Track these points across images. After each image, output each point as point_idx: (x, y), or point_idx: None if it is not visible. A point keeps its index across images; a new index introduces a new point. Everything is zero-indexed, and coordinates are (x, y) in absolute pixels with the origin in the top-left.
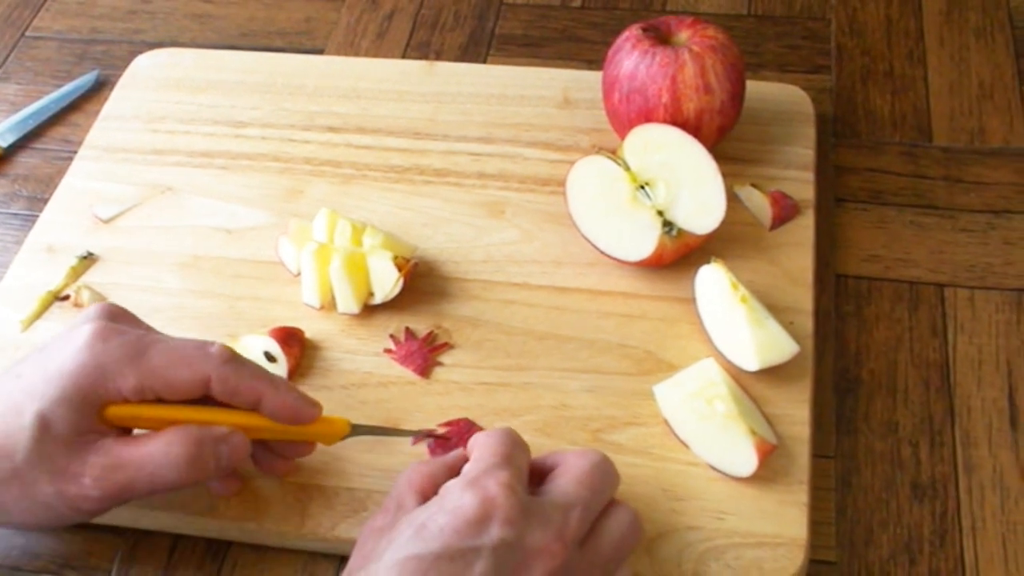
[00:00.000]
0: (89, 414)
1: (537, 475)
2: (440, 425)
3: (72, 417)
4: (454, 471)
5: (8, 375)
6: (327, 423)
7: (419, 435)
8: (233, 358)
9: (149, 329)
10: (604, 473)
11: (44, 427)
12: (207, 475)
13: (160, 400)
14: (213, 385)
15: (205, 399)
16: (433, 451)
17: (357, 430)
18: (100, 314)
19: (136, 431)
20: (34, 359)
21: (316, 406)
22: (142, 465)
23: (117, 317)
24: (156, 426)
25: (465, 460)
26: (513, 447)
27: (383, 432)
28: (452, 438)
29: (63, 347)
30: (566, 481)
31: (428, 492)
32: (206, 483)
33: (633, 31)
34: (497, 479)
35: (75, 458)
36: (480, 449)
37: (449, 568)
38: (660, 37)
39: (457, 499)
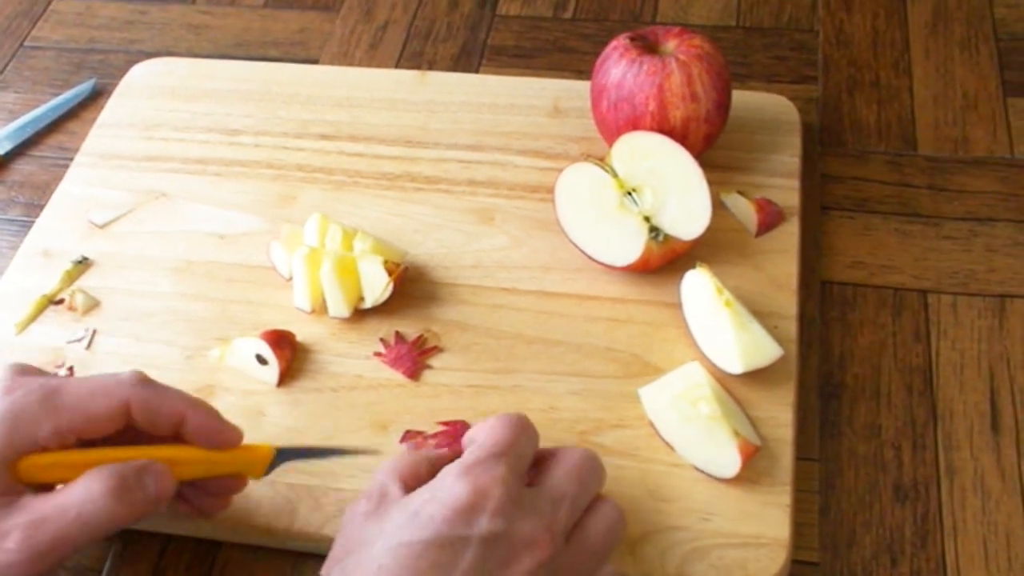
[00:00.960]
0: (4, 472)
1: (535, 466)
2: (439, 423)
3: None
4: (436, 467)
5: None
6: (250, 450)
7: (352, 452)
8: (148, 381)
9: (59, 378)
10: (592, 468)
11: None
12: (136, 509)
13: (81, 442)
14: (133, 409)
15: (124, 438)
16: (410, 437)
17: (284, 455)
18: (5, 372)
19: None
20: None
21: (237, 430)
22: (66, 509)
23: (25, 372)
24: (75, 473)
25: (449, 459)
26: (518, 434)
27: (312, 454)
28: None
29: None
30: (556, 474)
31: (410, 482)
32: (146, 518)
33: (621, 40)
34: (491, 470)
35: None
36: (484, 433)
37: (439, 556)
38: (647, 46)
39: (450, 487)
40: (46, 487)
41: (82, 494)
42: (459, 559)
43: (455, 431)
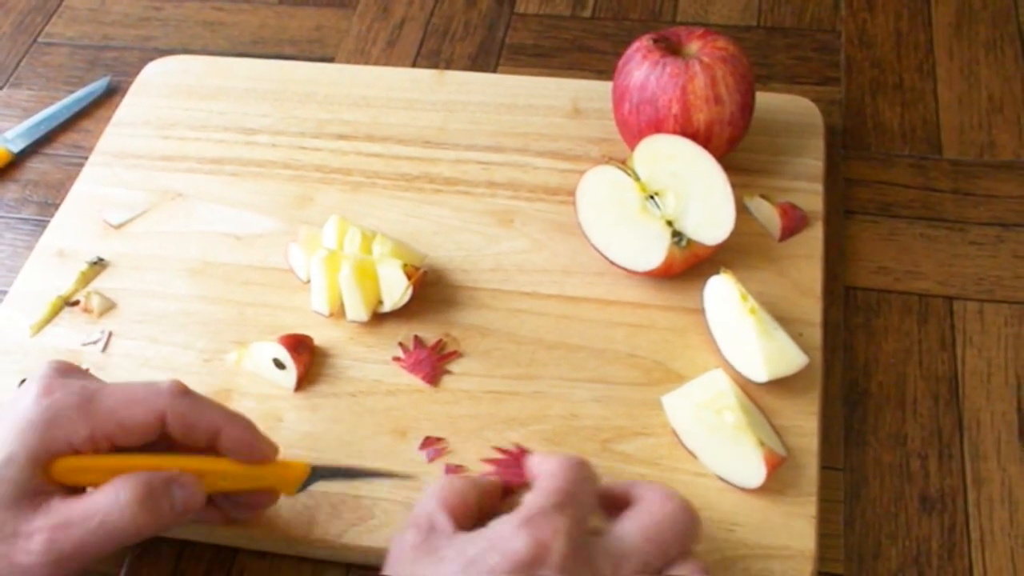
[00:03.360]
0: (36, 473)
1: (612, 505)
2: (496, 449)
3: (17, 477)
4: (485, 494)
5: None
6: (285, 466)
7: (384, 475)
8: (187, 392)
9: (100, 382)
10: (676, 526)
11: None
12: (162, 519)
13: (115, 448)
14: (168, 421)
15: (159, 446)
16: (451, 471)
17: (318, 474)
18: (47, 371)
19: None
20: None
21: (273, 445)
22: (91, 515)
23: (66, 372)
24: (107, 478)
25: (496, 488)
26: (580, 483)
27: (348, 475)
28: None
29: (11, 407)
30: (631, 528)
31: (459, 513)
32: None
33: (643, 42)
34: (553, 522)
35: (22, 522)
36: (545, 480)
37: None
38: (670, 48)
39: (510, 539)
40: (78, 488)
41: (108, 501)
42: None
43: (515, 459)
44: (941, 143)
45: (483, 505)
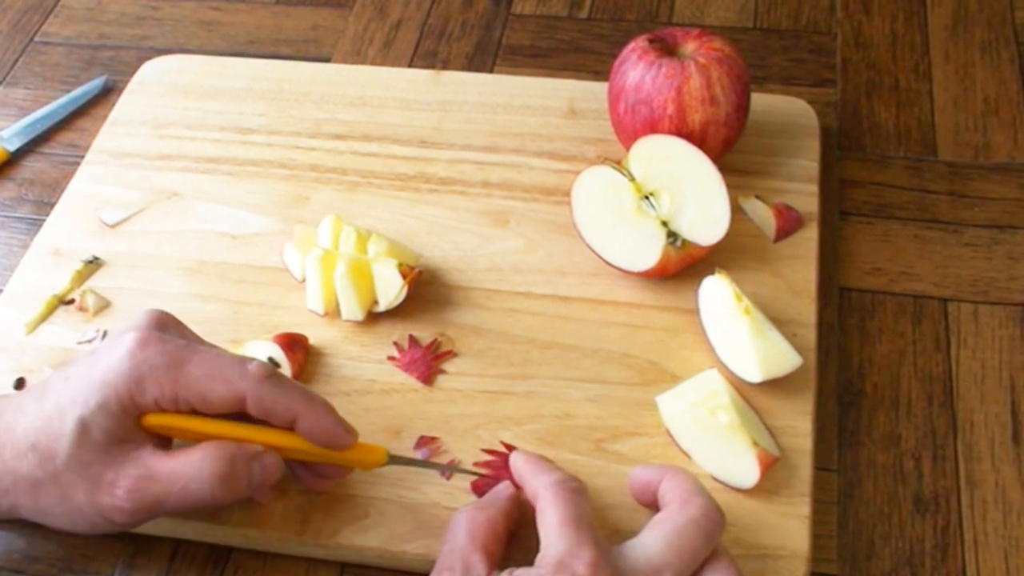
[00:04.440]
0: (127, 422)
1: (646, 493)
2: (484, 450)
3: (110, 425)
4: (512, 518)
5: (58, 376)
6: (364, 451)
7: (457, 471)
8: (270, 377)
9: (197, 338)
10: (700, 531)
11: (84, 433)
12: (238, 493)
13: (195, 412)
14: (249, 403)
15: (242, 413)
16: (475, 487)
17: (394, 460)
18: (147, 322)
19: (176, 443)
20: (83, 362)
21: (352, 433)
22: (174, 479)
23: (165, 325)
24: (193, 438)
25: (517, 504)
26: (579, 503)
27: (420, 464)
28: (492, 475)
29: (108, 353)
30: (657, 538)
31: (492, 548)
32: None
33: (639, 42)
34: (583, 559)
35: (111, 467)
36: (550, 514)
37: None
38: (666, 48)
39: None
40: (166, 440)
41: (193, 470)
42: None
43: (501, 460)
44: (936, 145)
45: (510, 527)
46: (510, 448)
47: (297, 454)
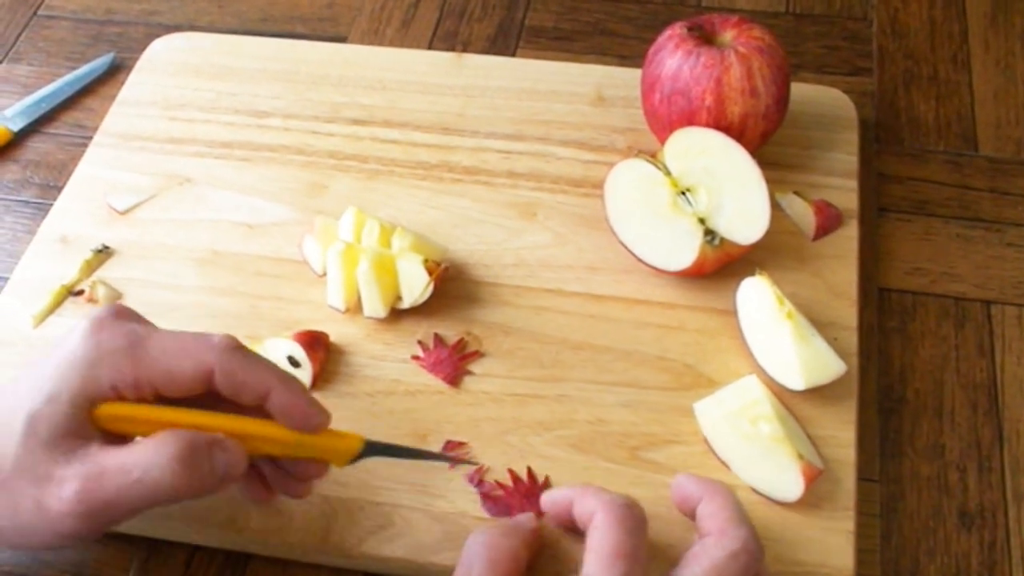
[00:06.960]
0: (77, 415)
1: (686, 505)
2: (509, 471)
3: (60, 416)
4: (533, 551)
5: (10, 383)
6: (337, 437)
7: (442, 458)
8: (238, 347)
9: (153, 327)
10: (738, 566)
11: (32, 428)
12: (201, 484)
13: (160, 398)
14: (217, 377)
15: (208, 399)
16: (487, 499)
17: (372, 448)
18: (102, 312)
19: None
20: (35, 362)
21: (325, 413)
22: (128, 469)
23: (121, 315)
24: (150, 430)
25: (537, 532)
26: (638, 535)
27: (401, 453)
28: (503, 494)
29: (62, 342)
30: (697, 574)
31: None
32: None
33: (676, 29)
34: None
35: (59, 464)
36: (606, 539)
37: None
38: (704, 37)
39: None
40: (119, 439)
41: (148, 457)
42: None
43: (528, 490)
44: (977, 139)
45: (530, 561)
46: (532, 476)
47: (264, 444)
